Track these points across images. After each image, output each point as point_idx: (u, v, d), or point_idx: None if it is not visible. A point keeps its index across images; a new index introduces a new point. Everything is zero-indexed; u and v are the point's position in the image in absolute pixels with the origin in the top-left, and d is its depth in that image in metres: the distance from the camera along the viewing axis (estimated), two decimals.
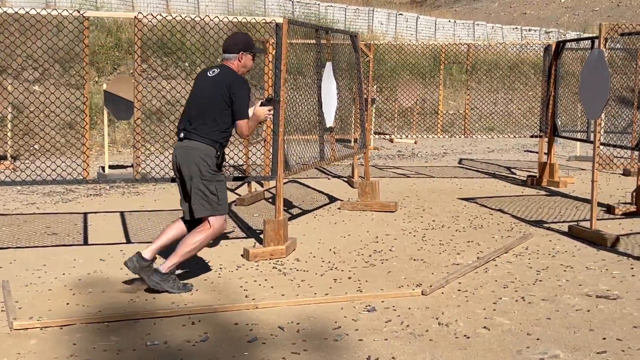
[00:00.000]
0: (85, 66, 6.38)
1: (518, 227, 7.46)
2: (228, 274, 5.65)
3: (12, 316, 4.51)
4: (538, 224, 7.63)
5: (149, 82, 12.38)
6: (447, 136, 13.93)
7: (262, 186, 9.69)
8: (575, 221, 7.60)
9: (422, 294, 5.12)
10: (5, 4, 16.87)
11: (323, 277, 5.58)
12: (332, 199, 9.08)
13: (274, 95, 5.70)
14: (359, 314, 4.71)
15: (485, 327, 4.46)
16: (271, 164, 6.50)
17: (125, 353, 4.04)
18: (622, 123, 10.45)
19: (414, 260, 6.12)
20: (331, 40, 7.92)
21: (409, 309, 4.80)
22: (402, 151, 15.58)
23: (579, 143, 13.56)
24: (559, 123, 10.46)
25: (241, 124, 5.21)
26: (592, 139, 8.50)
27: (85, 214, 8.03)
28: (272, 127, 6.41)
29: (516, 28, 33.32)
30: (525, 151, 15.96)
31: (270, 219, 6.32)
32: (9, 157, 11.83)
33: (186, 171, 5.15)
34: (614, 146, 8.33)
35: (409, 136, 16.25)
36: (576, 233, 7.02)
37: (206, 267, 5.84)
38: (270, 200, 8.86)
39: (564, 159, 13.73)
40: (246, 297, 5.06)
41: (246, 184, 9.25)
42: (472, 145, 16.90)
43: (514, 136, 12.34)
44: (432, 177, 11.35)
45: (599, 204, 7.62)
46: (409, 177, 11.36)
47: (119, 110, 10.41)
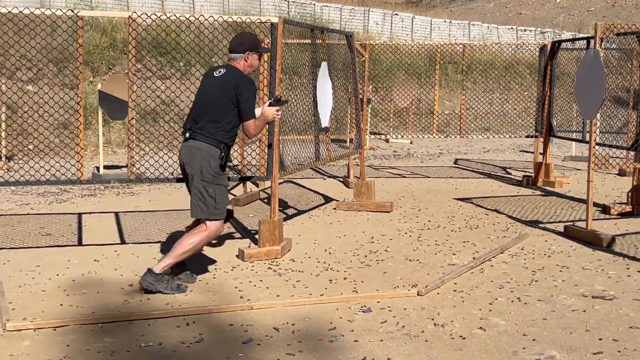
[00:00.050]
0: (79, 66, 6.35)
1: (514, 228, 7.45)
2: (223, 275, 5.63)
3: (5, 317, 4.48)
4: (534, 224, 7.63)
5: (143, 82, 12.35)
6: (442, 136, 13.92)
7: (257, 186, 9.67)
8: (571, 221, 7.60)
9: (418, 294, 5.10)
10: None
11: (318, 278, 5.56)
12: (327, 199, 9.06)
13: (281, 96, 5.70)
14: (354, 314, 4.69)
15: (481, 327, 4.44)
16: (266, 164, 6.48)
17: (119, 354, 4.01)
18: (617, 123, 10.45)
19: (410, 260, 6.11)
20: (327, 40, 7.90)
21: (405, 309, 4.79)
22: (398, 151, 15.57)
23: (574, 143, 13.59)
24: (555, 123, 10.46)
25: (248, 124, 5.23)
26: (587, 139, 8.49)
27: (80, 214, 8.00)
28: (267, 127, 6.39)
29: (512, 28, 33.36)
30: (520, 151, 15.97)
31: (266, 220, 6.30)
32: (3, 157, 11.77)
33: (189, 171, 5.18)
34: (610, 146, 8.33)
35: (405, 136, 16.24)
36: (572, 233, 7.02)
37: (201, 267, 5.81)
38: (265, 201, 8.84)
39: (559, 159, 13.74)
40: (241, 297, 5.04)
41: (241, 184, 9.22)
42: (468, 146, 16.90)
43: (510, 136, 12.36)
44: (428, 177, 11.35)
45: (595, 204, 7.61)
46: (404, 177, 11.35)
47: (114, 110, 10.37)
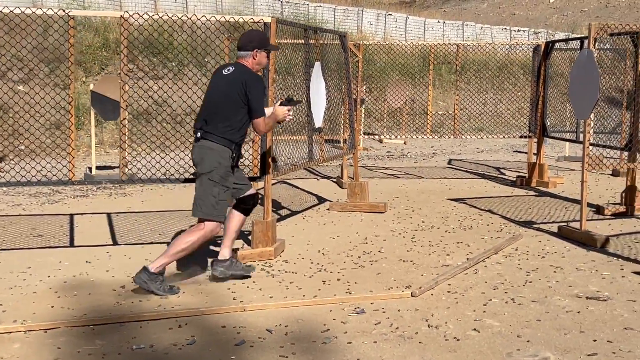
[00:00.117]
0: (71, 66, 6.30)
1: (507, 228, 7.43)
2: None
3: None
4: (527, 224, 7.62)
5: (135, 82, 12.29)
6: (436, 137, 13.91)
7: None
8: (564, 222, 7.59)
9: (412, 295, 5.08)
10: None
11: (312, 279, 5.53)
12: (321, 200, 9.03)
13: (293, 96, 5.69)
14: (347, 316, 4.66)
15: (475, 329, 4.42)
16: (259, 164, 6.44)
17: (110, 357, 3.98)
18: (611, 123, 10.46)
19: (404, 261, 6.08)
20: (320, 40, 7.88)
21: (399, 310, 4.76)
22: (392, 152, 15.56)
23: (567, 143, 13.60)
24: (548, 123, 10.45)
25: (258, 122, 5.23)
26: (581, 139, 8.49)
27: (72, 215, 7.95)
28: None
29: (505, 28, 33.43)
30: (514, 151, 15.98)
31: (259, 220, 6.27)
32: None
33: (199, 169, 5.21)
34: (604, 146, 8.32)
35: (398, 137, 16.23)
36: (566, 234, 7.01)
37: (192, 269, 5.77)
38: (258, 201, 8.78)
39: (553, 159, 13.75)
40: (234, 299, 5.01)
41: None
42: (462, 146, 16.90)
43: (503, 136, 12.35)
44: (422, 177, 11.33)
45: (589, 205, 7.61)
46: (398, 177, 11.33)
47: (106, 110, 10.31)
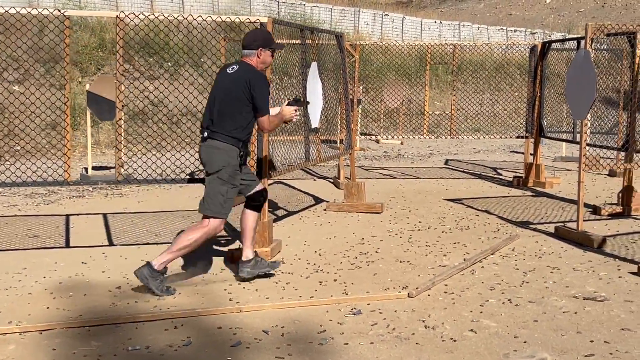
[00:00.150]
0: (67, 66, 6.28)
1: (504, 228, 7.43)
2: (212, 277, 5.58)
3: None
4: (524, 225, 7.61)
5: (131, 82, 12.26)
6: (433, 137, 13.91)
7: None
8: (561, 222, 7.59)
9: (409, 296, 5.07)
10: None
11: (308, 280, 5.51)
12: (317, 200, 9.02)
13: (301, 96, 5.71)
14: (344, 317, 4.65)
15: (472, 330, 4.41)
16: (256, 165, 6.43)
17: (106, 358, 3.96)
18: (607, 124, 10.45)
19: (400, 262, 6.07)
20: (316, 40, 7.86)
21: (395, 311, 4.75)
22: (388, 152, 15.55)
23: (564, 144, 13.60)
24: (545, 124, 10.45)
25: (262, 120, 5.24)
26: (577, 139, 8.48)
27: (68, 216, 7.93)
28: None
29: (502, 29, 33.48)
30: (511, 152, 15.98)
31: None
32: None
33: (207, 169, 5.23)
34: (600, 147, 8.32)
35: (395, 137, 16.22)
36: (562, 234, 7.00)
37: (189, 269, 5.76)
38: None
39: (549, 159, 13.75)
40: (230, 300, 4.99)
41: None
42: (458, 146, 16.90)
43: (500, 137, 12.34)
44: (418, 178, 11.32)
45: (585, 205, 7.60)
46: (395, 178, 11.32)
47: (102, 111, 10.29)
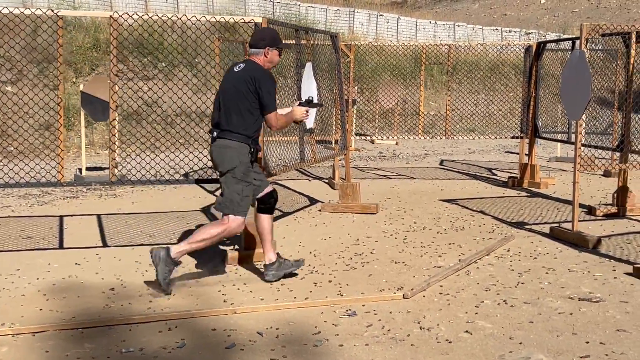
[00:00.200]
0: (60, 66, 6.25)
1: (499, 229, 7.42)
2: (206, 278, 5.55)
3: None
4: (519, 225, 7.60)
5: (125, 82, 12.22)
6: (428, 137, 13.88)
7: None
8: (556, 222, 7.58)
9: (404, 297, 5.05)
10: None
11: (303, 281, 5.49)
12: (312, 201, 9.00)
13: (312, 98, 5.71)
14: (339, 318, 4.63)
15: (467, 331, 4.40)
16: None
17: None
18: (602, 124, 10.46)
19: (395, 263, 6.06)
20: (311, 40, 7.85)
21: (390, 313, 4.73)
22: (383, 152, 15.54)
23: (559, 144, 13.61)
24: (540, 124, 10.45)
25: (269, 117, 5.26)
26: (572, 139, 8.48)
27: (61, 217, 7.89)
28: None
29: (496, 29, 33.49)
30: (506, 152, 15.99)
31: (250, 222, 6.22)
32: None
33: (221, 169, 5.25)
34: (595, 147, 8.32)
35: (390, 137, 16.21)
36: (558, 234, 6.99)
37: (183, 271, 5.73)
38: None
39: (544, 160, 13.76)
40: (224, 301, 4.97)
41: None
42: (453, 147, 16.90)
43: (495, 137, 12.34)
44: (413, 178, 11.31)
45: (580, 205, 7.60)
46: (390, 178, 11.30)
47: (96, 111, 10.25)
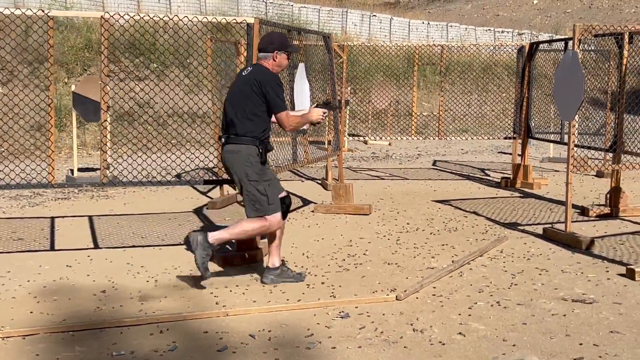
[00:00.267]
0: (51, 67, 6.21)
1: (492, 230, 7.41)
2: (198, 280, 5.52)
3: None
4: (512, 226, 7.59)
5: (116, 83, 12.17)
6: (421, 138, 13.86)
7: (234, 189, 9.54)
8: (549, 223, 7.58)
9: (397, 299, 5.03)
10: None
11: (295, 283, 5.46)
12: (305, 202, 8.98)
13: (331, 100, 5.72)
14: (332, 320, 4.61)
15: (460, 333, 4.38)
16: None
17: None
18: (595, 125, 10.47)
19: (388, 264, 6.04)
20: (304, 41, 7.82)
21: (383, 314, 4.71)
22: (376, 153, 15.53)
23: (552, 144, 13.61)
24: (533, 124, 10.45)
25: (280, 116, 5.26)
26: (565, 140, 8.48)
27: (53, 218, 7.85)
28: None
29: (489, 30, 33.56)
30: (498, 153, 15.99)
31: None
32: None
33: (235, 176, 5.28)
34: (588, 148, 8.32)
35: (383, 138, 16.18)
36: (551, 235, 6.99)
37: (176, 272, 5.70)
38: (242, 204, 8.70)
39: (537, 160, 13.76)
40: (217, 304, 4.94)
41: (219, 187, 9.11)
42: (446, 147, 16.91)
43: (488, 138, 12.34)
44: (407, 179, 11.30)
45: (573, 206, 7.59)
46: (383, 179, 11.29)
47: (88, 112, 10.20)
